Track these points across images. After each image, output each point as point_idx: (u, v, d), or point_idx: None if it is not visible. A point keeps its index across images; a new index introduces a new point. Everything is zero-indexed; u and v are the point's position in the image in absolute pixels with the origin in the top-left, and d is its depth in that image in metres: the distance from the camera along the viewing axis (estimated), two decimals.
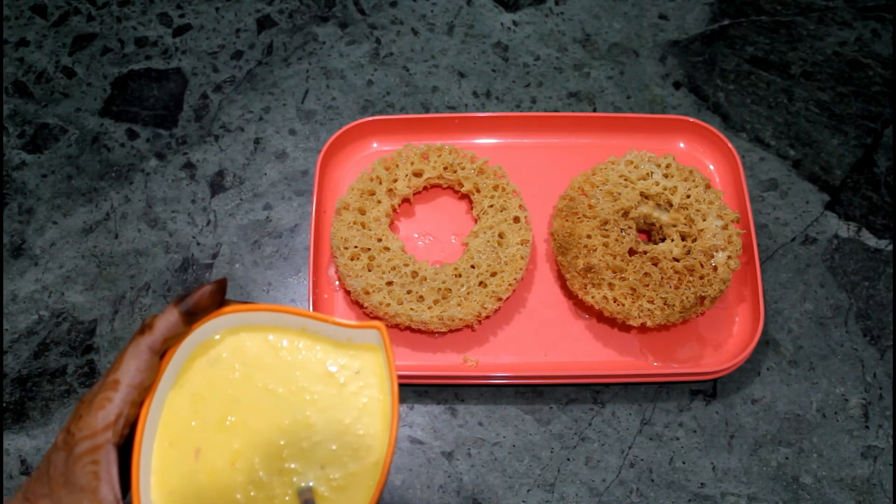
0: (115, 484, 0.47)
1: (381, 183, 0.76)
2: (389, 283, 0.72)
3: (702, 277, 0.70)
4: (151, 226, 0.78)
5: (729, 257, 0.71)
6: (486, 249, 0.73)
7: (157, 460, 0.49)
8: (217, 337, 0.51)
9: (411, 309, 0.70)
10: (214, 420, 0.49)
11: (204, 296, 0.49)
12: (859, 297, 0.76)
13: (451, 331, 0.72)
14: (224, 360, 0.51)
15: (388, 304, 0.70)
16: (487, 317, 0.72)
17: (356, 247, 0.73)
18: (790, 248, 0.78)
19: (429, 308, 0.70)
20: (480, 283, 0.71)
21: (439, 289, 0.71)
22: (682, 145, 0.81)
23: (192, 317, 0.49)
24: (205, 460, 0.49)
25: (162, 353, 0.49)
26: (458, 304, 0.70)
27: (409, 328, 0.72)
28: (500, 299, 0.71)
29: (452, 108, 0.84)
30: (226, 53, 0.86)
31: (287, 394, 0.49)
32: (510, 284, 0.71)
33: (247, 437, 0.49)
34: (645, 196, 0.75)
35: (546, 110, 0.84)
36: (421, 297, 0.71)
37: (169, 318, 0.48)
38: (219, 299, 0.50)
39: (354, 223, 0.74)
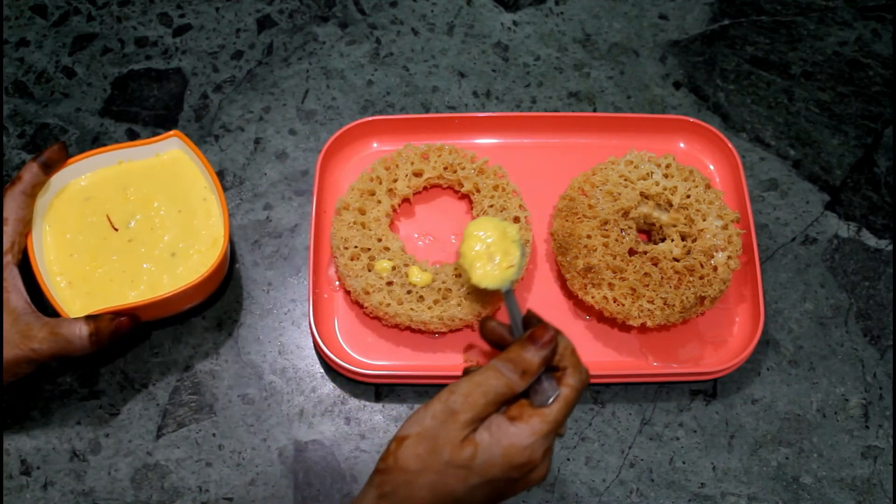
0: (22, 292, 0.64)
1: (381, 183, 0.76)
2: (389, 283, 0.72)
3: (702, 277, 0.70)
4: None
5: (729, 257, 0.71)
6: None
7: (50, 265, 0.68)
8: (71, 184, 0.70)
9: (411, 309, 0.70)
10: (81, 236, 0.69)
11: (54, 150, 0.67)
12: (859, 297, 0.76)
13: (451, 331, 0.72)
14: (77, 196, 0.70)
15: (388, 304, 0.70)
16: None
17: (356, 247, 0.73)
18: (790, 248, 0.78)
19: (429, 308, 0.70)
20: None
21: (439, 289, 0.71)
22: (682, 145, 0.81)
23: (48, 168, 0.68)
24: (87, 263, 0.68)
25: (32, 196, 0.66)
26: (458, 304, 0.70)
27: (409, 328, 0.72)
28: (500, 299, 0.71)
29: (452, 108, 0.84)
30: (226, 53, 0.86)
31: (137, 199, 0.71)
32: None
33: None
34: (645, 196, 0.75)
35: (546, 110, 0.84)
36: (421, 297, 0.71)
37: (32, 169, 0.66)
38: (66, 154, 0.69)
39: (354, 223, 0.74)
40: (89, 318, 0.64)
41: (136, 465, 0.69)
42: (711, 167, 0.80)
